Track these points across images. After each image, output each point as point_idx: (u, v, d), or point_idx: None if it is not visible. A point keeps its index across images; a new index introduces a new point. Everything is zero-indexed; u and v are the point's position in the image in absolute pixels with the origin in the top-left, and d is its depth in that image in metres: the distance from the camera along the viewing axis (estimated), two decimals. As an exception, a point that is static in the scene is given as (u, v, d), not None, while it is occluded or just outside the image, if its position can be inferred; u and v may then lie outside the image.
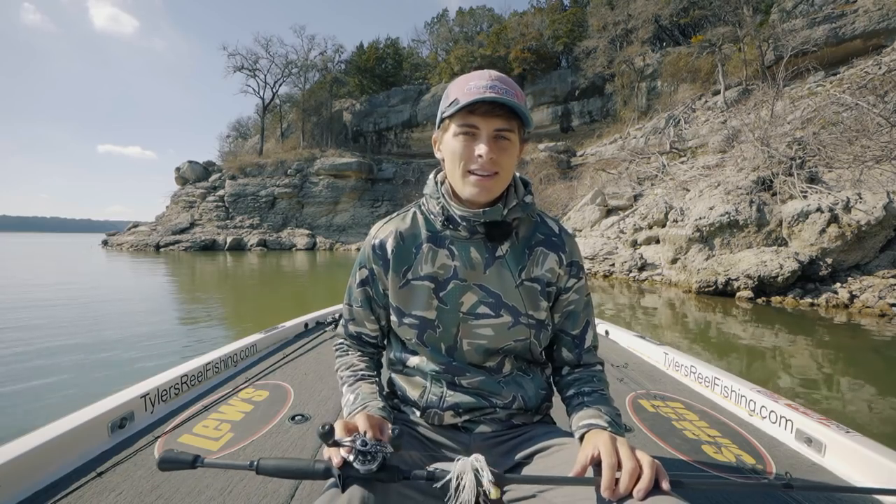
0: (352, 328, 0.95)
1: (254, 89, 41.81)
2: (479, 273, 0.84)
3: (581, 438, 0.75)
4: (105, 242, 34.16)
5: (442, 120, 0.80)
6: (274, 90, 42.15)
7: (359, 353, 0.95)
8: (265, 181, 34.96)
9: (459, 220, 0.82)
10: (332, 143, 39.88)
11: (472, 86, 0.74)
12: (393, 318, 0.89)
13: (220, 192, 35.14)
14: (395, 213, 0.92)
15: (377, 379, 0.91)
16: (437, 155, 0.84)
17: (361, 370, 0.90)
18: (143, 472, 1.09)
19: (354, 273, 0.92)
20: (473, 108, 0.73)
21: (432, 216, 0.86)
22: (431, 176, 0.89)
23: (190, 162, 37.81)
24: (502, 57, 37.39)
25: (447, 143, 0.79)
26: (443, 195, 0.84)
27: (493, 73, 0.77)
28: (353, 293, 0.92)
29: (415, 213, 0.90)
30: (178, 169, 37.78)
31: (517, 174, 0.87)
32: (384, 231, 0.88)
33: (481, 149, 0.74)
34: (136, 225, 35.75)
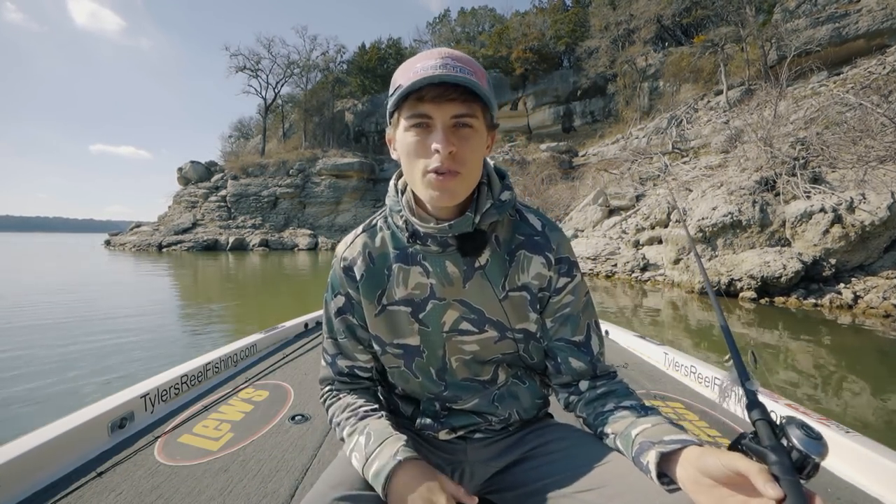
0: (342, 364, 0.81)
1: (256, 89, 42.00)
2: (458, 288, 0.74)
3: (662, 455, 0.59)
4: (108, 242, 34.28)
5: (392, 113, 0.67)
6: (276, 90, 42.31)
7: (355, 394, 0.81)
8: (267, 181, 35.03)
9: (426, 237, 0.72)
10: (334, 143, 39.94)
11: (418, 68, 0.62)
12: (374, 346, 0.80)
13: (223, 193, 35.24)
14: (359, 229, 0.81)
15: (384, 414, 0.76)
16: (394, 155, 0.70)
17: (362, 406, 0.77)
18: (143, 472, 1.09)
19: (328, 303, 0.81)
20: (422, 94, 0.61)
21: (398, 230, 0.76)
22: (392, 182, 0.77)
23: (192, 162, 37.96)
24: (504, 57, 37.40)
25: (400, 140, 0.66)
26: (404, 207, 0.73)
27: (445, 49, 0.64)
28: (333, 325, 0.80)
29: (381, 226, 0.79)
30: (180, 169, 37.91)
31: (491, 163, 0.76)
32: (352, 251, 0.78)
33: (437, 142, 0.61)
34: (138, 225, 35.86)
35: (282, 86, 42.40)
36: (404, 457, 0.64)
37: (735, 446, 0.56)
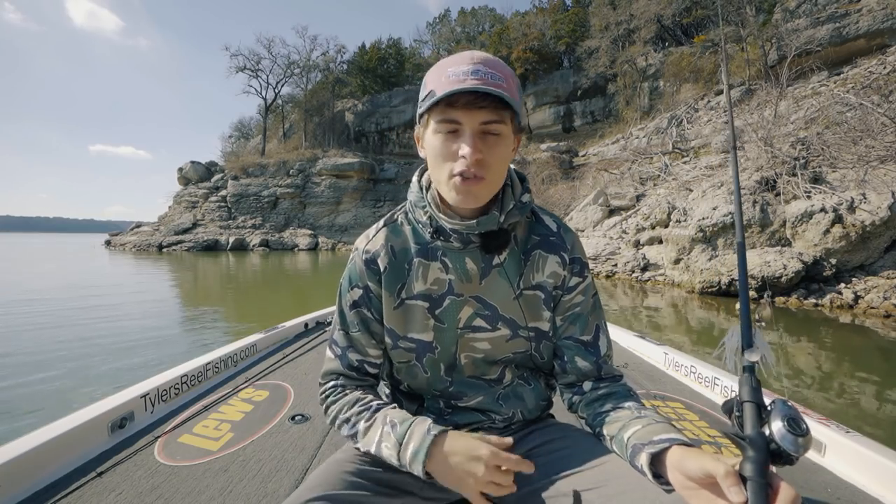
0: (352, 357, 0.80)
1: (256, 90, 42.00)
2: (475, 285, 0.76)
3: (653, 457, 0.60)
4: (108, 243, 34.28)
5: (421, 115, 0.69)
6: (276, 90, 42.31)
7: (360, 391, 0.80)
8: (267, 181, 35.03)
9: (450, 233, 0.73)
10: (334, 143, 39.93)
11: (450, 73, 0.63)
12: (387, 339, 0.80)
13: (223, 193, 35.22)
14: (381, 223, 0.81)
15: (395, 405, 0.77)
16: (421, 154, 0.73)
17: (372, 400, 0.76)
18: (143, 472, 1.09)
19: (343, 295, 0.80)
20: (453, 99, 0.62)
21: (420, 226, 0.77)
22: (415, 179, 0.78)
23: (192, 162, 37.94)
24: (504, 57, 37.40)
25: (428, 141, 0.68)
26: (429, 203, 0.74)
27: (477, 54, 0.65)
28: (346, 318, 0.80)
29: (402, 221, 0.80)
30: (180, 169, 37.91)
31: (512, 168, 0.77)
32: (375, 244, 0.79)
33: (465, 148, 0.63)
34: (138, 225, 35.88)
35: (282, 86, 42.45)
36: (438, 431, 0.66)
37: (726, 410, 0.56)
